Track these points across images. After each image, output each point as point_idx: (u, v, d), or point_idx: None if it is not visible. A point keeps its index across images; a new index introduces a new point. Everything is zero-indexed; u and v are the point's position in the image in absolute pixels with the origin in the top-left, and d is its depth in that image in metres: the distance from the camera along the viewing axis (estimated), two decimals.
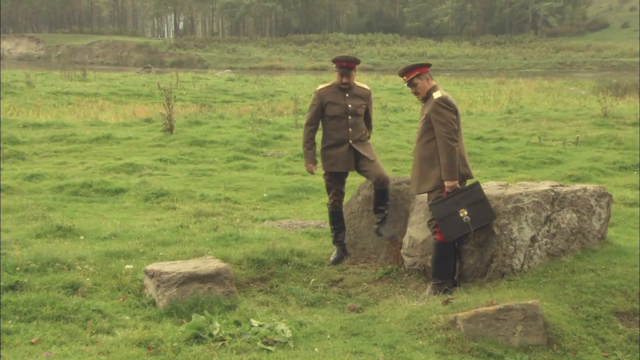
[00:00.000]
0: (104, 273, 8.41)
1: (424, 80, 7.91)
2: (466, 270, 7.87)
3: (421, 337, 6.80)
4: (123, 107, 30.53)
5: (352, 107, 9.05)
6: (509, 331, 6.59)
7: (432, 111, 7.68)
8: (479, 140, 20.38)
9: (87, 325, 7.03)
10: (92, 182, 14.25)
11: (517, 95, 37.28)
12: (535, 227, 7.70)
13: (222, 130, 22.28)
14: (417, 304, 7.56)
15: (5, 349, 6.45)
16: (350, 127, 9.03)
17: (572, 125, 23.16)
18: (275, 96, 36.63)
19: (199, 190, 14.13)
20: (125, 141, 20.15)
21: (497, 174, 16.71)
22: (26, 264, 8.29)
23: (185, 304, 7.58)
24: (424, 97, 7.91)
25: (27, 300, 7.31)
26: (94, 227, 10.82)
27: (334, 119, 9.05)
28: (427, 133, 7.78)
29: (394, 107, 30.67)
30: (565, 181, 15.46)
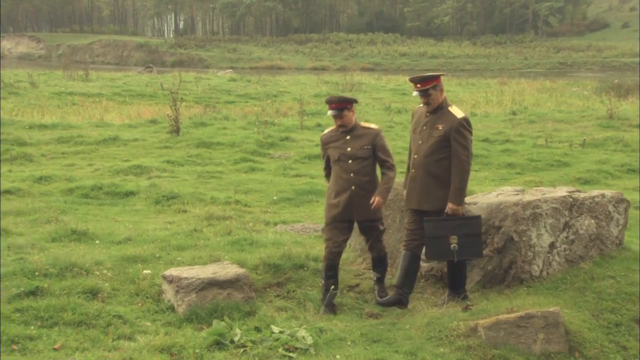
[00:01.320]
0: (122, 278, 8.44)
1: (438, 91, 7.66)
2: (485, 276, 7.89)
3: (442, 344, 6.81)
4: (127, 108, 30.53)
5: (351, 150, 8.20)
6: (531, 339, 6.60)
7: (455, 131, 7.42)
8: (486, 142, 20.39)
9: (109, 331, 7.07)
10: (102, 185, 14.26)
11: (520, 96, 37.33)
12: (553, 234, 7.73)
13: (227, 131, 22.29)
14: (436, 310, 7.58)
15: (29, 355, 6.49)
16: (353, 172, 8.19)
17: (577, 127, 23.21)
18: (278, 97, 36.67)
19: (209, 193, 14.15)
20: (131, 143, 20.17)
21: (504, 176, 16.73)
22: (45, 268, 8.32)
23: (205, 310, 7.61)
24: (435, 108, 7.65)
25: (48, 305, 7.34)
26: (107, 231, 10.85)
27: (336, 164, 8.35)
28: (442, 150, 7.50)
29: (398, 108, 30.66)
30: (573, 184, 15.51)
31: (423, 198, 7.63)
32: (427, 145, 7.59)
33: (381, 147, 8.22)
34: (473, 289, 7.96)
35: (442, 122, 7.53)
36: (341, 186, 8.23)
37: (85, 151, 19.27)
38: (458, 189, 7.42)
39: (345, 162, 8.20)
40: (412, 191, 7.76)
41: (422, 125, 7.69)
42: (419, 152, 7.66)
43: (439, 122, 7.55)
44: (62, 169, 16.98)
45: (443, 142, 7.47)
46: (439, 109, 7.66)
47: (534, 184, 15.67)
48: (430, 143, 7.55)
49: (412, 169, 7.77)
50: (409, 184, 7.83)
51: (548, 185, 15.41)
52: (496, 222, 7.80)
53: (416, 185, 7.68)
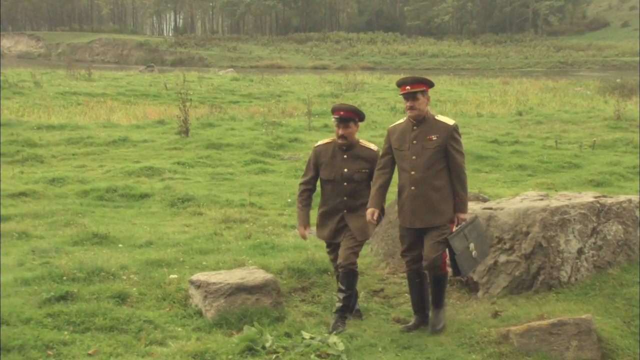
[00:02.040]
0: (148, 282, 8.47)
1: (425, 98, 7.27)
2: (512, 282, 7.91)
3: (473, 350, 6.84)
4: (133, 108, 30.55)
5: (348, 172, 7.71)
6: (563, 346, 6.62)
7: (451, 138, 7.15)
8: (495, 143, 20.40)
9: (141, 336, 7.11)
10: (117, 187, 14.29)
11: (524, 96, 37.36)
12: (581, 239, 7.75)
13: (236, 132, 22.30)
14: (464, 316, 7.60)
15: None
16: (347, 195, 7.74)
17: (585, 128, 23.24)
18: (282, 96, 36.66)
19: (223, 195, 14.17)
20: (141, 144, 20.18)
21: (516, 178, 16.78)
22: (72, 273, 8.36)
23: (234, 315, 7.64)
24: (419, 116, 7.23)
25: (79, 310, 7.39)
26: (127, 234, 10.89)
27: (328, 183, 7.82)
28: (440, 161, 7.17)
29: (403, 109, 30.53)
30: (586, 186, 15.54)
31: (432, 214, 7.21)
32: (423, 159, 7.19)
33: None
34: (500, 295, 7.97)
35: (434, 132, 7.19)
36: (331, 208, 7.81)
37: (95, 152, 19.29)
38: (464, 197, 7.22)
39: (340, 184, 7.74)
40: (415, 210, 7.26)
41: (411, 140, 7.25)
42: (415, 168, 7.22)
43: (431, 132, 7.20)
44: (73, 170, 17.01)
45: (440, 153, 7.16)
46: (425, 120, 7.26)
47: (545, 186, 15.70)
48: (427, 156, 7.18)
49: (411, 187, 7.26)
50: (410, 203, 7.29)
51: (560, 187, 15.47)
52: (524, 227, 7.81)
53: (420, 203, 7.23)
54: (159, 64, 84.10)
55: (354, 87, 40.69)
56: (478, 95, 38.25)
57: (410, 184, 7.27)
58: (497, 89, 42.19)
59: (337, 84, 44.62)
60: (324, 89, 40.65)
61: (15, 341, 6.62)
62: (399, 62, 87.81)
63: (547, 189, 15.33)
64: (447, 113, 29.00)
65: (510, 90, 40.57)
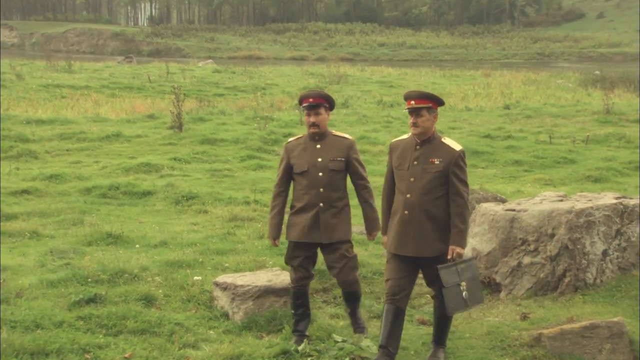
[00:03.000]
0: (171, 284, 8.51)
1: (432, 116, 6.65)
2: (537, 283, 7.99)
3: (506, 354, 6.90)
4: (119, 102, 30.39)
5: (322, 161, 7.16)
6: (595, 349, 6.69)
7: (455, 165, 6.54)
8: (487, 138, 20.52)
9: (173, 339, 7.16)
10: (119, 185, 14.23)
11: (508, 89, 37.54)
12: (606, 241, 7.84)
13: (228, 127, 22.27)
14: (492, 318, 7.67)
15: None
16: (323, 186, 7.16)
17: (575, 122, 23.42)
18: (267, 89, 36.61)
19: (226, 192, 14.15)
20: (135, 139, 20.10)
21: (513, 173, 16.88)
22: (96, 275, 8.39)
23: (263, 318, 7.69)
24: (423, 135, 6.64)
25: (109, 313, 7.43)
26: (140, 234, 10.89)
27: (301, 175, 7.23)
28: (440, 188, 6.58)
29: (390, 102, 30.71)
30: (584, 182, 15.71)
31: (422, 243, 6.62)
32: (422, 182, 6.61)
33: (357, 161, 7.30)
34: (524, 296, 8.06)
35: (437, 155, 6.61)
36: (306, 202, 7.19)
37: (89, 148, 19.18)
38: (463, 230, 6.58)
39: (314, 174, 7.16)
40: (405, 236, 6.67)
41: (412, 160, 6.68)
42: (412, 191, 6.64)
43: (434, 155, 6.62)
44: (69, 166, 16.92)
45: (441, 179, 6.56)
46: (430, 140, 6.67)
47: (543, 181, 15.85)
48: (427, 180, 6.59)
49: (404, 211, 6.68)
50: (400, 228, 6.71)
51: (558, 183, 15.63)
52: (549, 230, 7.89)
53: (411, 229, 6.65)
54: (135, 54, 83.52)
55: (337, 79, 40.64)
56: (462, 88, 38.38)
57: (404, 207, 6.69)
58: (479, 82, 42.37)
59: (320, 76, 44.62)
60: (307, 81, 40.64)
61: (53, 345, 6.67)
62: (377, 53, 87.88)
63: (545, 185, 15.51)
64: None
65: (494, 83, 40.71)
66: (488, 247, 8.39)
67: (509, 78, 45.00)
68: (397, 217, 6.76)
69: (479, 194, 9.28)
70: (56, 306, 7.59)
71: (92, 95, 32.64)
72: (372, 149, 18.87)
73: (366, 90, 36.56)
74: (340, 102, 29.64)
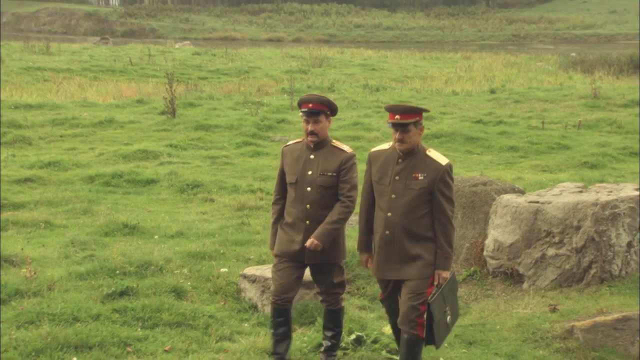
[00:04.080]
0: (196, 276, 8.58)
1: (418, 129, 6.15)
2: (561, 275, 8.12)
3: (539, 346, 7.02)
4: (104, 85, 30.15)
5: (312, 174, 6.52)
6: (628, 341, 6.83)
7: (441, 182, 6.04)
8: (480, 123, 20.62)
9: (210, 332, 7.23)
10: (122, 173, 14.22)
11: (490, 72, 37.69)
12: (630, 233, 7.98)
13: (219, 112, 22.20)
14: (521, 310, 7.78)
15: (144, 357, 6.68)
16: (310, 202, 6.51)
17: (564, 107, 23.59)
18: (250, 72, 36.41)
19: (229, 180, 14.18)
20: (128, 125, 20.01)
21: (509, 159, 17.00)
22: (123, 267, 8.43)
23: (295, 310, 7.73)
24: (409, 149, 6.13)
25: (144, 306, 7.51)
26: (154, 224, 10.93)
27: (291, 187, 6.65)
28: (423, 205, 6.08)
29: (376, 86, 30.73)
30: (580, 168, 15.87)
31: (404, 265, 6.13)
32: (404, 200, 6.09)
33: (349, 177, 6.52)
34: (548, 287, 8.19)
35: (421, 169, 6.09)
36: (294, 218, 6.60)
37: (83, 134, 19.08)
38: (449, 252, 6.10)
39: (302, 188, 6.55)
40: (387, 258, 6.19)
41: (393, 174, 6.16)
42: (393, 209, 6.12)
43: (418, 170, 6.09)
44: (65, 153, 16.85)
45: (425, 196, 6.06)
46: (414, 153, 6.15)
47: (540, 168, 15.99)
48: (410, 197, 6.07)
49: (385, 231, 6.17)
50: (383, 250, 6.20)
51: (555, 169, 15.79)
52: (574, 222, 8.01)
53: (394, 250, 6.14)
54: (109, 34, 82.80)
55: (319, 62, 40.53)
56: (444, 71, 38.46)
57: (385, 227, 6.16)
58: (461, 65, 42.46)
59: (301, 59, 44.50)
60: (289, 64, 40.49)
61: (95, 338, 6.76)
62: (354, 34, 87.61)
63: (542, 171, 15.66)
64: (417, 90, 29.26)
65: (475, 66, 40.83)
66: (511, 238, 8.49)
67: (489, 60, 45.13)
68: (377, 236, 6.26)
69: (498, 185, 9.33)
70: (89, 299, 7.65)
71: (75, 78, 32.34)
72: (367, 134, 18.91)
73: (349, 74, 36.50)
74: (326, 87, 29.68)
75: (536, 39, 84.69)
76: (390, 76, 36.14)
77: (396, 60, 45.67)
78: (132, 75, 34.27)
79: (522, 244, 8.36)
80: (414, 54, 50.75)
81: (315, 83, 30.83)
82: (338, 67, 39.92)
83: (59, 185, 13.59)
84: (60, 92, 27.71)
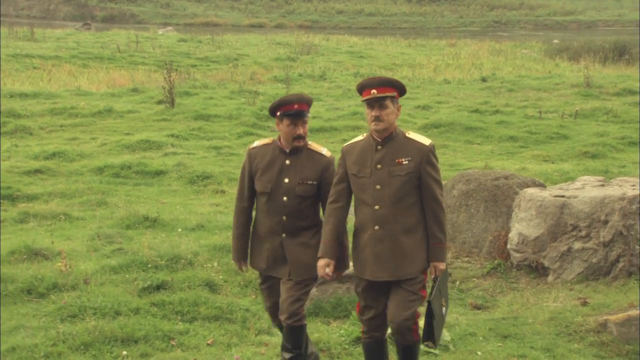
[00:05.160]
0: (226, 269, 8.67)
1: (396, 107, 5.64)
2: (588, 268, 8.28)
3: (573, 339, 7.15)
4: (95, 73, 29.99)
5: (289, 183, 5.89)
6: None
7: (427, 163, 5.57)
8: (477, 113, 20.72)
9: (248, 325, 7.34)
10: (131, 164, 14.28)
11: (478, 60, 37.81)
12: None
13: (216, 102, 22.22)
14: (552, 304, 7.92)
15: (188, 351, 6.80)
16: (286, 214, 5.91)
17: (557, 96, 23.74)
18: (239, 60, 36.36)
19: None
20: (127, 115, 20.00)
21: (509, 150, 17.13)
22: (154, 260, 8.52)
23: (329, 304, 7.88)
24: (386, 131, 5.61)
25: (181, 300, 7.64)
26: (173, 217, 11.00)
27: (263, 197, 5.98)
28: (412, 193, 5.59)
29: (368, 74, 30.75)
30: (582, 158, 16.04)
31: (401, 263, 5.60)
32: (391, 189, 5.58)
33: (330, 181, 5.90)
34: (574, 280, 8.34)
35: (405, 153, 5.59)
36: (267, 230, 6.00)
37: (83, 124, 19.07)
38: (443, 242, 5.65)
39: (278, 198, 5.91)
40: (379, 257, 5.63)
41: (374, 163, 5.63)
42: (380, 201, 5.59)
43: (401, 154, 5.59)
44: (68, 143, 16.86)
45: (413, 181, 5.57)
46: (393, 137, 5.65)
47: (542, 158, 16.15)
48: (397, 185, 5.57)
49: (374, 226, 5.61)
50: (372, 248, 5.64)
51: (557, 159, 15.96)
52: (602, 216, 8.17)
53: (385, 247, 5.60)
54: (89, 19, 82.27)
55: (307, 49, 40.47)
56: (431, 59, 38.51)
57: (374, 222, 5.61)
58: (447, 52, 42.53)
59: (287, 45, 44.45)
60: (277, 52, 40.45)
61: (139, 332, 6.88)
62: (336, 20, 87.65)
63: (543, 162, 15.83)
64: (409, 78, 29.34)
65: (462, 54, 40.95)
66: (535, 232, 8.62)
67: (475, 48, 45.27)
68: (365, 235, 5.67)
69: (519, 179, 9.49)
70: (126, 292, 7.76)
71: (64, 65, 32.13)
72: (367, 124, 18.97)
73: (338, 62, 36.48)
74: (317, 75, 29.71)
75: (517, 25, 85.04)
76: (379, 64, 36.13)
77: (382, 48, 45.70)
78: (121, 62, 34.09)
79: (548, 237, 8.51)
80: (400, 41, 50.75)
81: (307, 71, 30.85)
82: (326, 55, 39.88)
83: (68, 176, 13.65)
84: (52, 80, 27.57)
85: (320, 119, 19.52)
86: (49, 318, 7.11)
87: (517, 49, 45.00)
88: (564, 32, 69.56)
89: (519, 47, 46.40)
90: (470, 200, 9.49)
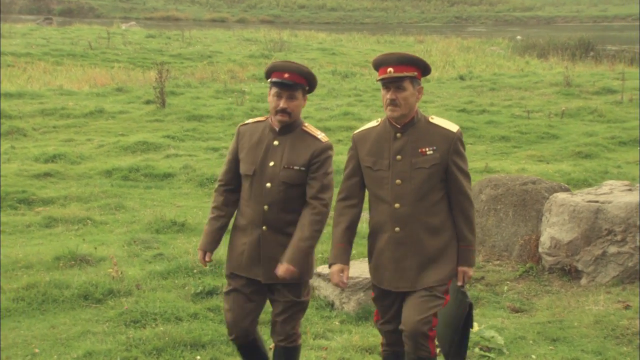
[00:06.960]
0: None
1: (416, 90, 5.01)
2: (623, 272, 8.57)
3: (622, 343, 7.35)
4: (73, 71, 29.76)
5: (274, 166, 5.21)
6: None
7: (455, 153, 4.97)
8: (464, 112, 21.02)
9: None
10: (139, 167, 14.31)
11: (449, 57, 38.17)
12: None
13: (204, 102, 22.22)
14: (594, 307, 8.17)
15: None
16: (269, 203, 5.19)
17: (539, 95, 24.08)
18: (213, 57, 36.24)
19: None
20: (119, 115, 19.97)
21: (503, 150, 17.40)
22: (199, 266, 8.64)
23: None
24: (405, 117, 5.01)
25: None
26: (197, 221, 11.09)
27: (246, 181, 5.30)
28: (437, 188, 4.99)
29: (345, 72, 30.95)
30: (576, 158, 16.35)
31: (426, 271, 4.98)
32: (413, 184, 4.96)
33: (321, 173, 5.21)
34: (609, 284, 8.62)
35: (428, 141, 4.97)
36: (247, 221, 5.30)
37: (76, 125, 19.00)
38: (473, 244, 5.04)
39: (260, 183, 5.23)
40: (400, 263, 5.02)
41: (393, 154, 5.01)
42: (400, 197, 4.96)
43: (424, 142, 4.97)
44: (64, 145, 16.80)
45: (438, 174, 4.96)
46: (414, 123, 5.03)
47: (536, 158, 16.42)
48: (421, 180, 4.95)
49: (394, 227, 5.00)
50: (391, 252, 5.05)
51: (551, 159, 16.27)
52: (637, 221, 8.46)
53: (408, 251, 4.98)
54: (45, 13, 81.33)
55: (279, 46, 40.46)
56: None
57: (394, 222, 5.00)
58: (417, 49, 42.81)
59: (257, 42, 44.44)
60: (249, 48, 40.45)
61: (205, 337, 6.99)
62: (298, 15, 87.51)
63: (538, 162, 16.11)
64: None
65: (433, 50, 41.27)
66: (568, 236, 8.85)
67: (443, 45, 45.65)
68: (383, 238, 5.08)
69: (546, 184, 9.75)
70: (179, 298, 7.90)
71: (37, 63, 31.83)
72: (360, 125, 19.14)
73: (311, 59, 36.54)
74: None
75: (478, 20, 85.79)
76: (352, 61, 36.33)
77: (352, 44, 45.88)
78: (95, 60, 33.81)
79: (581, 241, 8.76)
80: (367, 37, 50.96)
81: None
82: (298, 52, 39.91)
83: (78, 179, 13.66)
84: (31, 79, 27.32)
85: (312, 119, 19.63)
86: (113, 323, 7.24)
87: (485, 46, 45.51)
88: (523, 28, 70.36)
89: (486, 44, 46.89)
90: (499, 205, 9.72)
